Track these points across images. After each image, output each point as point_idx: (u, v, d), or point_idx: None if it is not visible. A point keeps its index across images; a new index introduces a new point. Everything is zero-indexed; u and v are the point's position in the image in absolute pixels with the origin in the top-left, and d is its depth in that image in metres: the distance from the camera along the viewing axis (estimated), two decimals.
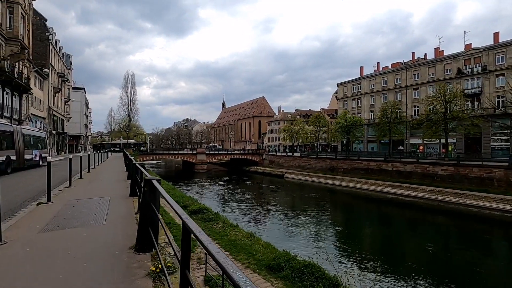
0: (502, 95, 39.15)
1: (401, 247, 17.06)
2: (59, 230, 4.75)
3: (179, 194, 21.69)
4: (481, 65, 41.69)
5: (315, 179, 41.67)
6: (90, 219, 5.39)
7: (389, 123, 37.08)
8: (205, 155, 57.40)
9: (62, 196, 7.99)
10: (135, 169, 7.64)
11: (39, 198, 7.49)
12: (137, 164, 7.38)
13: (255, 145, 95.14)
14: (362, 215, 26.43)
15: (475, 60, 42.57)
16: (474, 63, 42.57)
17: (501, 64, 39.73)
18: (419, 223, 23.11)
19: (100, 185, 10.40)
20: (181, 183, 39.54)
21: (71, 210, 6.09)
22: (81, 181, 11.39)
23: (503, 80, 39.38)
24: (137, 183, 7.37)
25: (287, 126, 59.81)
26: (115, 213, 5.99)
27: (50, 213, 5.83)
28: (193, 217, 15.46)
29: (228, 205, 26.85)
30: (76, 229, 4.79)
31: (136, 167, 7.50)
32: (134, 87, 74.40)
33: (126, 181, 11.88)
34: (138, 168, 7.46)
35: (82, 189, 9.13)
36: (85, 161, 17.54)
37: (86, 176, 13.51)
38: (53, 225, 5.05)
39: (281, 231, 18.84)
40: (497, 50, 40.47)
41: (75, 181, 11.18)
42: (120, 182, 11.46)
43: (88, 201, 7.11)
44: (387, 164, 35.40)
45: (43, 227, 4.93)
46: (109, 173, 16.45)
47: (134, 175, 8.06)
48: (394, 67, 57.11)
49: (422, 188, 28.93)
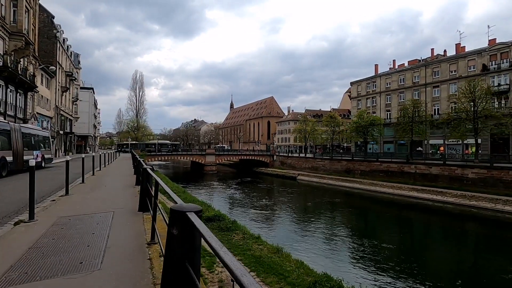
0: None
1: (437, 260, 15.01)
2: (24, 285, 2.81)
3: (190, 198, 20.10)
4: (509, 60, 39.04)
5: (330, 182, 39.61)
6: (80, 257, 3.61)
7: (411, 122, 34.74)
8: (215, 156, 55.86)
9: (53, 209, 6.33)
10: (147, 177, 5.87)
11: (24, 212, 5.84)
12: (150, 172, 5.58)
13: (264, 146, 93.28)
14: (388, 222, 24.35)
15: (502, 56, 39.88)
16: (501, 59, 39.91)
17: None
18: (452, 232, 20.92)
19: (104, 193, 8.66)
20: (191, 185, 38.03)
21: (56, 236, 4.40)
22: (82, 187, 9.78)
23: None
24: (149, 195, 5.61)
25: (299, 127, 57.79)
26: (118, 244, 4.21)
27: (24, 242, 4.13)
28: (208, 225, 13.64)
29: (243, 210, 25.11)
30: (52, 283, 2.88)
31: (148, 174, 5.66)
32: (143, 87, 73.37)
33: (134, 187, 10.22)
34: (150, 177, 5.65)
35: (80, 198, 7.47)
36: (89, 163, 16.09)
37: (90, 180, 11.93)
38: (19, 271, 3.12)
39: (305, 241, 16.99)
40: None
41: (75, 187, 9.58)
42: (127, 189, 9.79)
43: (83, 220, 5.37)
44: (410, 166, 33.15)
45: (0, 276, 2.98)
46: (116, 176, 14.94)
47: (145, 183, 6.12)
48: (411, 64, 54.59)
49: (452, 193, 26.65)
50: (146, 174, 5.89)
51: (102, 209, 6.35)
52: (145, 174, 6.00)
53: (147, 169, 5.78)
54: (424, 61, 51.52)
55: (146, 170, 5.84)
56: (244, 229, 13.73)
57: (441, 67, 46.18)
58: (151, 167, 6.13)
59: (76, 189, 9.29)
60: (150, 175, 5.48)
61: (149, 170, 5.67)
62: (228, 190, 35.80)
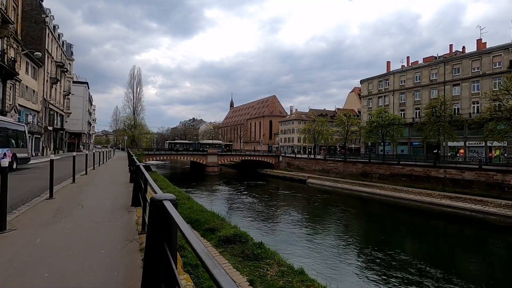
0: None
1: None
2: None
3: (198, 208, 16.52)
4: None
5: (345, 186, 36.23)
6: None
7: (439, 122, 31.40)
8: (217, 156, 52.26)
9: (30, 218, 4.90)
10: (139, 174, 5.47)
11: None
12: (141, 168, 5.11)
13: (266, 146, 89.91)
14: (420, 234, 21.01)
15: None
16: None
17: None
18: (500, 248, 17.65)
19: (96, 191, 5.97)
20: (193, 189, 34.44)
21: None
22: (70, 188, 6.44)
23: None
24: (141, 190, 5.21)
25: (308, 126, 54.33)
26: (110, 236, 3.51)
27: None
28: (228, 249, 10.73)
29: (255, 219, 21.60)
30: None
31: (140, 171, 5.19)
32: (140, 84, 69.86)
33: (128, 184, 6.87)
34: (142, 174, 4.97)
35: (64, 206, 4.83)
36: (83, 162, 13.54)
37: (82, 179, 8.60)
38: None
39: (334, 260, 13.55)
40: None
41: (59, 191, 6.42)
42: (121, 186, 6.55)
43: None
44: (438, 170, 29.85)
45: None
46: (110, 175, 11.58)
47: (137, 179, 5.84)
48: (426, 61, 51.50)
49: (494, 202, 23.36)
50: (138, 171, 5.72)
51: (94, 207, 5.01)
52: (137, 172, 5.85)
53: (140, 166, 5.51)
54: (443, 57, 48.36)
55: (138, 167, 5.64)
56: (277, 256, 10.26)
57: (462, 64, 43.03)
58: (143, 164, 5.67)
59: (61, 192, 5.89)
60: (142, 171, 5.04)
61: (141, 167, 5.33)
62: (235, 195, 32.25)
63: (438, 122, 31.33)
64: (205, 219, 13.83)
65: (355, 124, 48.33)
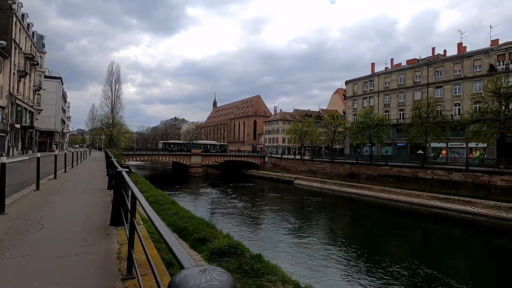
0: None
1: None
2: None
3: (184, 213, 15.06)
4: None
5: (333, 187, 35.71)
6: None
7: (426, 123, 31.52)
8: (201, 156, 50.40)
9: None
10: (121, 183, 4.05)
11: None
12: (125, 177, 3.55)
13: (250, 146, 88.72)
14: (411, 235, 20.69)
15: (511, 56, 38.04)
16: (510, 59, 38.04)
17: None
18: (492, 251, 17.51)
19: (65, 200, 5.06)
20: (177, 192, 32.56)
21: None
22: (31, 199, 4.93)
23: None
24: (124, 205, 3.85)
25: (295, 126, 53.64)
26: None
27: None
28: (223, 264, 8.72)
29: (248, 226, 20.35)
30: None
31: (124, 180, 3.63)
32: (119, 81, 66.48)
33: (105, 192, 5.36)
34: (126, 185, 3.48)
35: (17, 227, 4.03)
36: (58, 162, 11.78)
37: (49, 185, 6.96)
38: None
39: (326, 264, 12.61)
40: None
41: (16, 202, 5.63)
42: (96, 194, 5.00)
43: None
44: (425, 171, 29.90)
45: None
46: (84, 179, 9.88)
47: (119, 190, 4.25)
48: (410, 63, 52.32)
49: (483, 203, 23.45)
50: (120, 179, 4.17)
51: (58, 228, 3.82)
52: (119, 179, 4.34)
53: (122, 172, 3.98)
54: (426, 60, 49.26)
55: (120, 174, 4.08)
56: (279, 271, 9.10)
57: (444, 67, 43.93)
58: (127, 169, 4.25)
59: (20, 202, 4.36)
60: (126, 181, 3.48)
61: (125, 174, 3.79)
62: (221, 198, 30.77)
63: (425, 123, 31.44)
64: (193, 227, 12.44)
65: (342, 125, 48.16)
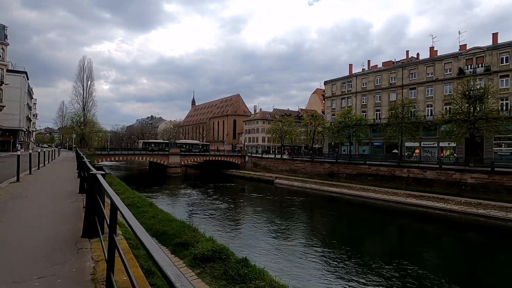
0: (505, 98, 37.15)
1: None
2: None
3: (163, 216, 14.33)
4: (484, 65, 39.49)
5: (314, 186, 36.01)
6: None
7: (402, 123, 32.60)
8: (180, 156, 49.01)
9: None
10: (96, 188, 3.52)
11: None
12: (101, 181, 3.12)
13: (230, 146, 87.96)
14: (389, 233, 21.24)
15: (478, 60, 40.30)
16: (477, 63, 40.30)
17: (505, 65, 37.74)
18: (467, 245, 18.31)
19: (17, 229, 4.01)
20: (155, 193, 31.30)
21: None
22: None
23: (507, 82, 37.46)
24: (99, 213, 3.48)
25: (275, 126, 53.65)
26: None
27: None
28: (207, 270, 8.40)
29: (230, 227, 19.82)
30: None
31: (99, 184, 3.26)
32: (91, 77, 63.30)
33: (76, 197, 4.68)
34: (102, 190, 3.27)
35: None
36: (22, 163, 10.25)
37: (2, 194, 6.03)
38: None
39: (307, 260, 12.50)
40: (501, 50, 38.42)
41: None
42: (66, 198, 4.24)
43: None
44: (402, 170, 30.87)
45: None
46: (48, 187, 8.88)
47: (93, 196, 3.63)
48: (385, 65, 54.12)
49: (455, 200, 24.53)
50: (95, 183, 3.62)
51: None
52: (93, 183, 3.72)
53: (97, 176, 3.45)
54: (401, 62, 51.09)
55: (95, 178, 3.54)
56: (267, 276, 8.75)
57: (418, 69, 45.77)
58: (103, 172, 3.77)
59: None
60: (102, 187, 3.06)
61: (100, 178, 3.33)
62: (201, 199, 29.94)
63: (401, 123, 32.49)
64: (174, 231, 11.77)
65: (321, 124, 48.79)
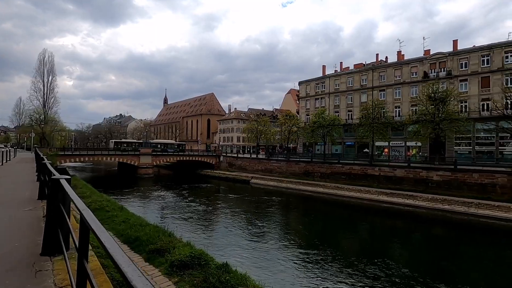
0: (465, 100, 39.97)
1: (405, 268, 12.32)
2: None
3: (135, 220, 13.41)
4: (446, 69, 42.17)
5: (290, 185, 36.25)
6: None
7: (374, 123, 33.84)
8: (151, 156, 47.04)
9: None
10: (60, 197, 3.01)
11: None
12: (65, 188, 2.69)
13: (204, 145, 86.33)
14: (363, 231, 21.89)
15: (440, 65, 42.96)
16: (440, 68, 42.93)
17: (465, 70, 40.58)
18: (433, 239, 19.34)
19: None
20: (125, 196, 29.64)
21: None
22: None
23: (466, 86, 40.32)
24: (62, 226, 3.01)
25: (251, 126, 53.36)
26: None
27: None
28: (185, 278, 7.81)
29: (207, 230, 19.17)
30: None
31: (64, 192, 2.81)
32: (53, 71, 59.00)
33: None
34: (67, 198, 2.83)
35: None
36: None
37: None
38: None
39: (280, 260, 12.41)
40: (461, 56, 41.27)
41: None
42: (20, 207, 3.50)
43: None
44: (374, 168, 32.01)
45: None
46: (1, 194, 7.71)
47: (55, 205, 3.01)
48: (357, 67, 56.02)
49: (423, 196, 25.83)
50: (58, 190, 3.09)
51: None
52: (56, 190, 3.16)
53: (61, 181, 2.98)
54: (371, 64, 53.12)
55: (58, 184, 3.06)
56: (250, 282, 8.41)
57: (387, 72, 47.83)
58: (67, 177, 3.23)
59: None
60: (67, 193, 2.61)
61: (64, 184, 2.87)
62: (176, 201, 28.83)
63: (372, 123, 33.68)
64: (147, 236, 10.96)
65: (296, 124, 49.34)
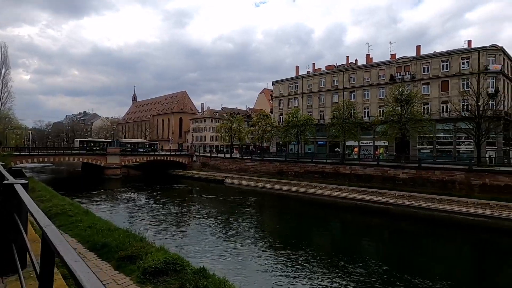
0: (427, 102, 42.67)
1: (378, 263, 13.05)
2: None
3: (103, 225, 12.45)
4: (410, 73, 44.70)
5: (264, 185, 36.28)
6: None
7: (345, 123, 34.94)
8: (119, 156, 44.67)
9: None
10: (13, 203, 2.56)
11: None
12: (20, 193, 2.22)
13: (176, 145, 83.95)
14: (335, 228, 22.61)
15: (405, 68, 45.44)
16: (405, 71, 45.40)
17: (427, 74, 43.31)
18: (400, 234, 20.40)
19: None
20: (91, 199, 27.73)
21: None
22: None
23: (428, 89, 43.08)
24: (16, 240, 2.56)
25: (224, 125, 52.69)
26: None
27: None
28: (160, 286, 7.29)
29: (179, 233, 18.48)
30: None
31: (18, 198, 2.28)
32: (7, 63, 53.19)
33: None
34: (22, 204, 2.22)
35: None
36: None
37: None
38: None
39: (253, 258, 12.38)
40: (423, 60, 43.98)
41: None
42: None
43: None
44: (345, 167, 33.02)
45: None
46: None
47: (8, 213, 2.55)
48: (328, 69, 57.55)
49: (391, 193, 27.08)
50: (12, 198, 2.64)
51: None
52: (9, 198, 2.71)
53: (15, 186, 2.50)
54: (342, 66, 54.81)
55: (12, 190, 2.56)
56: (228, 285, 8.04)
57: (357, 74, 49.69)
58: (24, 182, 2.68)
59: None
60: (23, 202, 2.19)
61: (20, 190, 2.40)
62: (146, 203, 27.53)
63: (343, 123, 34.74)
64: (117, 242, 10.11)
65: (270, 124, 49.58)
